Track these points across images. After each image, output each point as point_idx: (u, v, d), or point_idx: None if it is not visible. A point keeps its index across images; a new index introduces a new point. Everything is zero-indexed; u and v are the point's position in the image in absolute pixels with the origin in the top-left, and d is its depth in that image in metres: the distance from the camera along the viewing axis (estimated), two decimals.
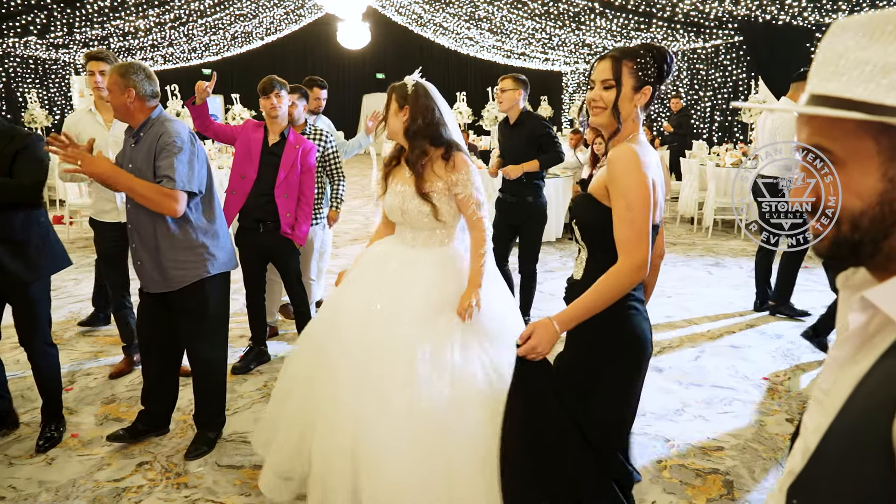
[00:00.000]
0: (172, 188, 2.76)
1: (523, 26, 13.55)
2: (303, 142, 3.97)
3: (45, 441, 3.19)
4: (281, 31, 16.81)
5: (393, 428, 2.26)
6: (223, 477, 2.95)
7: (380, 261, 2.64)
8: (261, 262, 4.16)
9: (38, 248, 3.10)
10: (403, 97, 2.57)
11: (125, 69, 2.84)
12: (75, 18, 11.64)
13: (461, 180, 2.52)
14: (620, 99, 1.88)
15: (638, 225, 1.79)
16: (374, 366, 2.36)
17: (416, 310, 2.43)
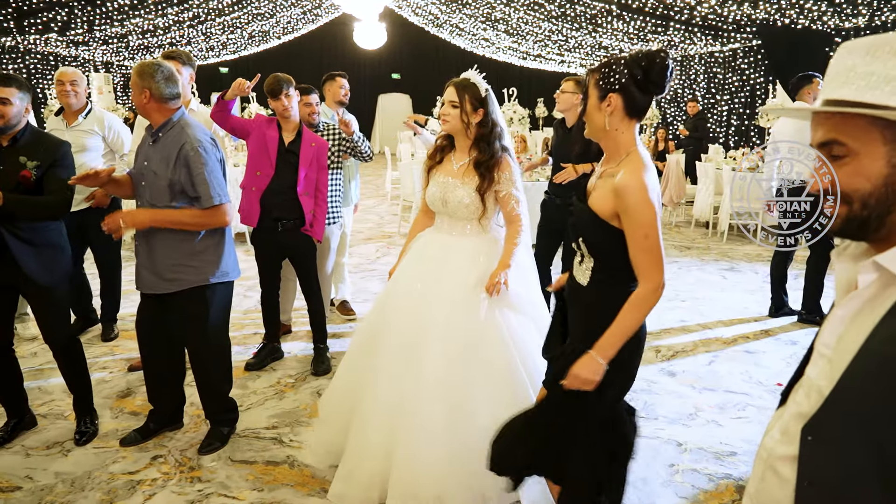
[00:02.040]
0: (213, 204, 2.86)
1: (540, 28, 13.53)
2: (317, 139, 4.00)
3: (80, 435, 3.23)
4: (298, 30, 16.89)
5: (427, 407, 2.50)
6: (236, 472, 2.97)
7: (421, 250, 2.85)
8: (277, 260, 4.19)
9: (57, 249, 3.13)
10: (479, 99, 2.72)
11: (143, 69, 2.84)
12: (95, 16, 11.76)
13: (504, 179, 2.71)
14: (588, 110, 1.94)
15: (655, 250, 1.85)
16: (414, 347, 2.59)
17: (449, 293, 2.64)
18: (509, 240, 2.75)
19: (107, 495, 2.79)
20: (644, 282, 1.86)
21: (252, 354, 4.27)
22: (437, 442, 2.48)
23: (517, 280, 2.73)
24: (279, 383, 3.94)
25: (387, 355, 2.67)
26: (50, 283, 3.09)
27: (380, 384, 2.64)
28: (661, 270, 1.86)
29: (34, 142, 3.02)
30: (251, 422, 3.44)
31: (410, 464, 2.49)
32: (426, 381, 2.54)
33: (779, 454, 1.09)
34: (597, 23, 12.00)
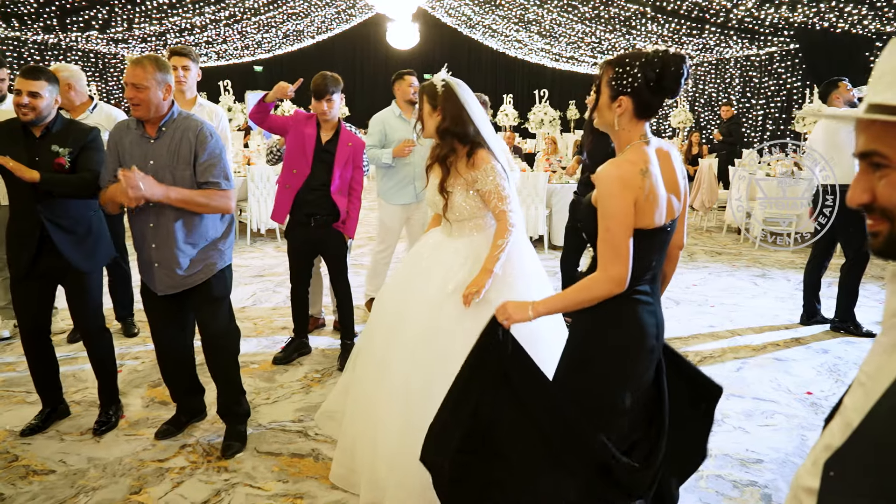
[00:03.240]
0: (226, 189, 2.89)
1: (573, 30, 13.48)
2: (354, 138, 4.04)
3: (100, 424, 3.30)
4: (331, 30, 17.04)
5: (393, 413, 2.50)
6: (262, 463, 3.02)
7: (417, 250, 2.91)
8: (309, 256, 4.24)
9: (95, 238, 3.21)
10: (434, 97, 2.73)
11: (164, 64, 2.83)
12: (135, 14, 12.01)
13: (480, 177, 2.64)
14: (599, 107, 1.93)
15: (614, 244, 1.81)
16: (387, 347, 2.62)
17: (429, 296, 2.63)
18: (494, 241, 2.64)
19: (137, 481, 2.86)
20: (601, 269, 1.84)
21: (280, 349, 4.33)
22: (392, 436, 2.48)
23: (500, 287, 2.61)
24: (306, 378, 3.99)
25: (372, 347, 2.74)
26: (88, 269, 3.17)
27: (362, 376, 2.73)
28: (619, 265, 1.81)
29: (64, 130, 3.10)
30: (277, 414, 3.50)
31: (373, 455, 2.54)
32: (395, 376, 2.55)
33: (804, 485, 1.01)
34: (631, 25, 11.91)
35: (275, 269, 6.63)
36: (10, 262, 3.17)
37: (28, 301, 3.17)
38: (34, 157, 3.00)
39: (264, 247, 7.79)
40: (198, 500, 2.73)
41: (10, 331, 4.42)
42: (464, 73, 18.88)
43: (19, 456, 3.05)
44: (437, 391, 2.34)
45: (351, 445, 2.72)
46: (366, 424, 2.63)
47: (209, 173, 2.84)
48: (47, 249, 3.06)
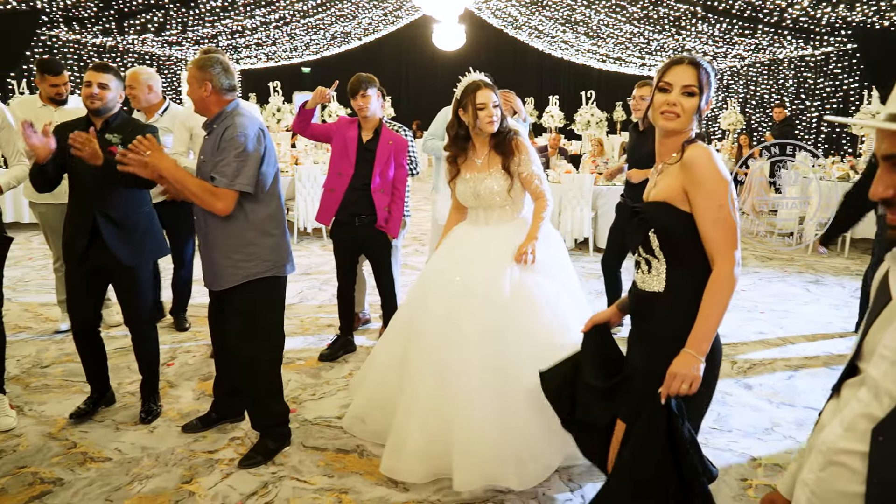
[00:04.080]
0: (218, 186, 2.76)
1: (621, 30, 13.31)
2: (396, 137, 4.08)
3: (146, 414, 3.41)
4: (378, 31, 17.19)
5: (481, 375, 2.70)
6: (308, 457, 3.07)
7: (458, 241, 3.11)
8: (354, 255, 4.30)
9: (144, 234, 3.30)
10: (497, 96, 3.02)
11: (203, 63, 2.88)
12: (189, 17, 12.32)
13: (523, 161, 2.99)
14: (703, 106, 1.91)
15: (730, 223, 1.80)
16: (453, 326, 2.79)
17: (485, 274, 2.86)
18: (536, 214, 3.01)
19: (188, 471, 2.94)
20: (720, 260, 1.79)
21: (326, 346, 4.40)
22: (490, 412, 2.66)
23: (547, 250, 3.00)
24: (350, 375, 4.04)
25: (430, 337, 2.86)
26: (136, 265, 3.26)
27: (424, 364, 2.83)
28: (737, 245, 1.80)
29: (122, 124, 3.24)
30: (323, 410, 3.55)
31: (470, 434, 2.65)
32: (472, 356, 2.72)
33: (842, 447, 1.11)
34: (680, 25, 11.72)
35: (321, 268, 6.73)
36: (64, 249, 3.29)
37: (79, 294, 3.28)
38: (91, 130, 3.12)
39: (311, 245, 7.90)
40: (246, 491, 2.80)
41: (68, 324, 4.58)
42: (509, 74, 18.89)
43: (77, 443, 3.17)
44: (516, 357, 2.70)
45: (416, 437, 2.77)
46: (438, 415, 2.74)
47: (216, 168, 2.80)
48: (97, 244, 3.16)
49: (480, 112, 2.94)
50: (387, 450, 2.89)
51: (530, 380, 2.59)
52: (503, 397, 2.69)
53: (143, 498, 2.74)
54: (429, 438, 2.75)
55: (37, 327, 4.79)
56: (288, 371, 4.04)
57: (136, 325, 3.37)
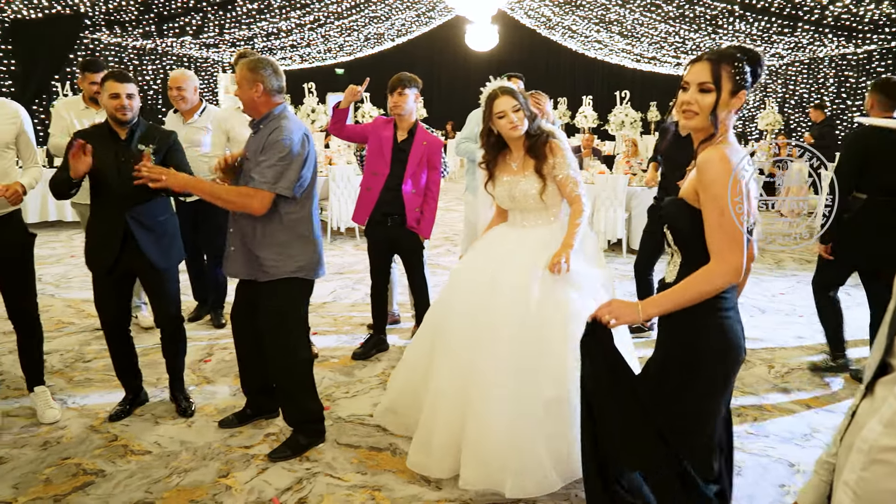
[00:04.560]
0: (258, 188, 2.80)
1: (656, 30, 13.17)
2: (430, 138, 4.09)
3: (183, 409, 3.49)
4: (411, 32, 17.26)
5: (498, 376, 2.68)
6: (342, 454, 3.10)
7: (493, 241, 3.10)
8: (387, 254, 4.33)
9: (171, 239, 3.38)
10: (524, 101, 3.00)
11: (254, 64, 2.92)
12: (226, 20, 12.53)
13: (559, 163, 2.95)
14: (720, 103, 1.85)
15: (731, 229, 1.77)
16: (482, 327, 2.78)
17: (517, 277, 2.82)
18: (572, 220, 2.96)
19: (225, 465, 2.99)
20: (717, 261, 1.79)
21: (359, 344, 4.44)
22: (503, 414, 2.64)
23: (581, 259, 2.91)
24: (383, 373, 4.07)
25: (457, 335, 2.87)
26: (165, 267, 3.33)
27: (451, 361, 2.85)
28: (737, 254, 1.78)
29: (147, 131, 3.28)
30: (356, 408, 3.58)
31: (479, 432, 2.67)
32: (494, 356, 2.71)
33: (884, 445, 1.11)
34: (717, 24, 11.54)
35: (354, 267, 6.78)
36: (89, 260, 3.32)
37: (108, 297, 3.33)
38: (121, 158, 3.17)
39: (344, 244, 7.97)
40: (281, 486, 2.84)
41: None
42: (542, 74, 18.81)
43: (118, 436, 3.25)
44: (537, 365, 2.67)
45: (441, 431, 2.81)
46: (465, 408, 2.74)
47: (258, 169, 2.83)
48: (129, 248, 3.21)
49: (501, 121, 2.94)
50: (413, 445, 2.93)
51: (546, 392, 2.65)
52: (516, 405, 2.66)
53: (182, 491, 2.80)
54: (451, 434, 2.77)
55: (79, 322, 4.92)
56: (322, 369, 4.09)
57: (168, 324, 3.44)
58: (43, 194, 8.00)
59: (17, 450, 3.10)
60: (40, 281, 6.07)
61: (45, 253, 7.22)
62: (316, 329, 4.79)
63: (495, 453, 2.62)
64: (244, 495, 2.77)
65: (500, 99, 2.93)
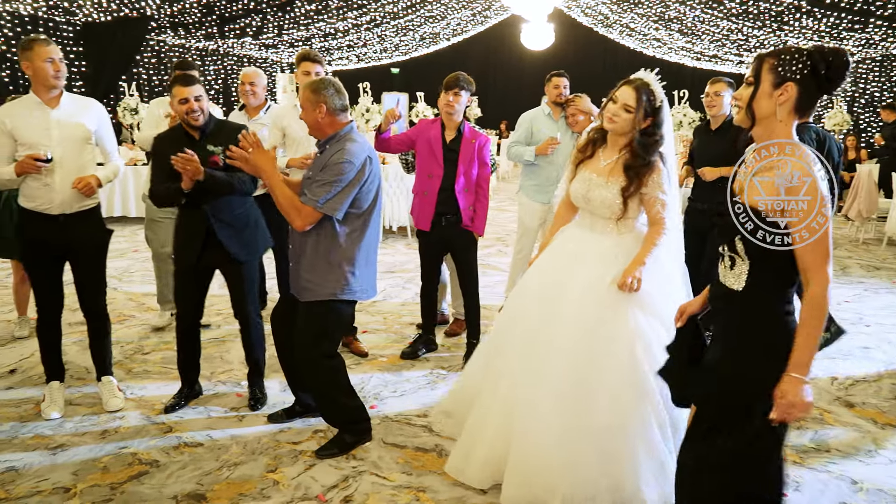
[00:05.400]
0: (306, 204, 2.84)
1: (717, 27, 12.81)
2: (478, 136, 4.07)
3: (255, 402, 3.56)
4: (466, 32, 17.25)
5: (545, 398, 2.59)
6: (388, 454, 3.11)
7: (561, 245, 2.94)
8: (439, 255, 4.33)
9: (253, 230, 3.46)
10: (654, 109, 2.70)
11: (316, 85, 2.92)
12: (285, 21, 12.77)
13: (652, 182, 2.70)
14: (757, 96, 1.82)
15: (825, 242, 1.72)
16: (538, 339, 2.69)
17: (581, 289, 2.69)
18: (649, 237, 2.74)
19: (273, 460, 3.04)
20: (815, 278, 1.72)
21: (408, 344, 4.45)
22: (553, 434, 2.55)
23: (652, 280, 2.69)
24: (431, 374, 4.07)
25: (513, 344, 2.79)
26: (247, 260, 3.42)
27: (504, 371, 2.77)
28: (828, 261, 1.73)
29: (217, 130, 3.34)
30: (403, 408, 3.59)
31: (525, 451, 2.59)
32: (547, 373, 2.62)
33: None
34: (782, 20, 11.15)
35: (405, 266, 6.81)
36: (176, 254, 3.48)
37: (188, 290, 3.45)
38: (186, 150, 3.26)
39: (395, 244, 8.02)
40: (327, 483, 2.86)
41: (163, 321, 4.78)
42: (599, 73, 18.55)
43: (173, 427, 3.34)
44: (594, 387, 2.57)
45: (484, 441, 2.77)
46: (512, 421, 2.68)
47: (311, 185, 2.86)
48: (211, 243, 3.32)
49: (609, 106, 2.74)
50: (455, 448, 2.91)
51: (601, 418, 2.53)
52: (568, 427, 2.55)
53: (231, 484, 2.85)
54: (493, 447, 2.72)
55: (139, 316, 5.08)
56: (370, 368, 4.12)
57: (246, 316, 3.51)
58: (109, 189, 8.32)
59: (78, 437, 3.22)
60: None
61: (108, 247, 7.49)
62: (365, 328, 4.83)
63: (542, 474, 2.55)
64: (291, 491, 2.80)
65: (622, 88, 2.71)
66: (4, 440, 3.18)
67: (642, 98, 2.66)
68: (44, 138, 3.23)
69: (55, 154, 3.22)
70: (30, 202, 3.28)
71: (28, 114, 3.25)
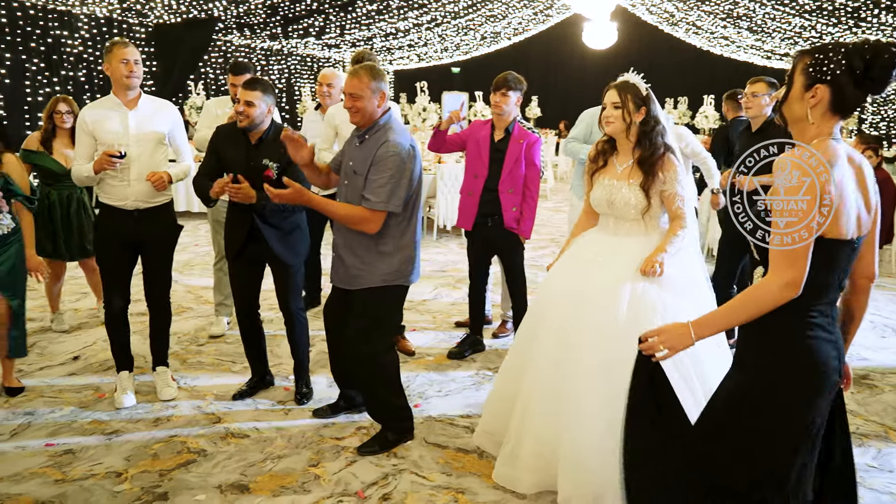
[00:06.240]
0: (372, 208, 2.84)
1: (789, 24, 12.33)
2: (527, 136, 4.02)
3: (301, 396, 3.62)
4: (528, 31, 17.13)
5: (584, 394, 2.60)
6: (429, 453, 3.11)
7: (583, 248, 2.97)
8: (487, 255, 4.30)
9: (299, 233, 3.52)
10: (641, 99, 2.80)
11: (377, 72, 2.91)
12: (347, 21, 12.96)
13: (669, 178, 2.77)
14: (789, 98, 1.73)
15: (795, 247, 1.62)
16: (572, 338, 2.69)
17: (610, 288, 2.69)
18: (671, 229, 2.82)
19: (316, 455, 3.08)
20: (773, 273, 1.65)
21: (455, 344, 4.44)
22: (598, 429, 2.54)
23: (675, 264, 2.76)
24: (477, 374, 4.05)
25: (546, 345, 2.78)
26: (291, 261, 3.49)
27: (540, 372, 2.77)
28: (796, 268, 1.62)
29: (275, 141, 3.31)
30: (447, 408, 3.58)
31: (575, 452, 2.59)
32: (584, 370, 2.62)
33: None
34: (859, 16, 10.65)
35: (457, 265, 6.80)
36: (225, 245, 3.59)
37: (239, 281, 3.56)
38: (250, 161, 3.34)
39: (449, 243, 8.02)
40: (367, 480, 2.88)
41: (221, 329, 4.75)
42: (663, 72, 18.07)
43: (221, 418, 3.42)
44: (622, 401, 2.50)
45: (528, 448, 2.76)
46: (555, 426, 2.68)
47: (371, 188, 2.85)
48: (255, 239, 3.40)
49: (603, 112, 2.86)
50: (500, 457, 2.88)
51: None
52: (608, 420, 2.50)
53: (274, 476, 2.90)
54: (539, 451, 2.71)
55: (197, 308, 5.23)
56: (416, 366, 4.13)
57: (291, 312, 3.58)
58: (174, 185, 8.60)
59: (132, 424, 3.34)
60: None
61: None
62: (414, 326, 4.84)
63: (595, 470, 2.53)
64: (331, 486, 2.83)
65: (606, 94, 2.85)
66: (64, 424, 3.33)
67: (626, 93, 2.78)
68: (122, 138, 3.38)
69: (131, 153, 3.37)
70: (107, 197, 3.45)
71: (108, 114, 3.40)
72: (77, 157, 3.47)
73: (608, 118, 2.82)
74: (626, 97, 2.78)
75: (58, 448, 3.10)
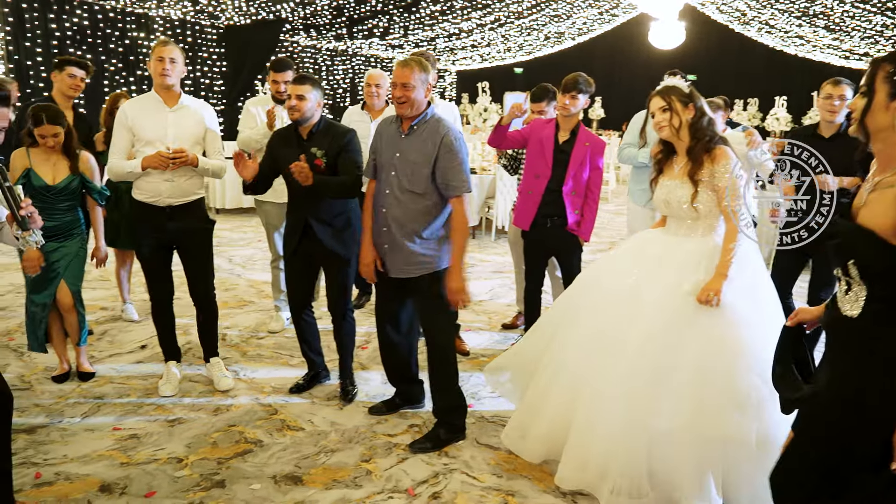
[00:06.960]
0: (459, 194, 3.02)
1: (870, 22, 11.79)
2: (592, 139, 3.96)
3: (344, 393, 3.67)
4: (592, 31, 16.91)
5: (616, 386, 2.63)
6: (480, 454, 3.10)
7: (640, 244, 2.99)
8: (543, 257, 4.26)
9: (352, 231, 3.55)
10: (687, 97, 2.81)
11: (426, 64, 2.98)
12: (410, 22, 13.07)
13: (719, 171, 2.71)
14: (871, 109, 1.60)
15: None
16: (612, 332, 2.72)
17: (661, 293, 2.69)
18: (725, 242, 2.72)
19: (368, 451, 3.11)
20: None
21: (510, 345, 4.41)
22: (616, 426, 2.59)
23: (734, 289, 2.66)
24: None
25: (584, 332, 2.83)
26: (344, 256, 3.52)
27: (569, 356, 2.83)
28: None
29: (324, 132, 3.41)
30: (500, 409, 3.56)
31: (586, 439, 2.67)
32: (617, 366, 2.64)
33: None
34: None
35: (513, 267, 6.75)
36: (283, 245, 3.68)
37: (295, 277, 3.64)
38: (302, 154, 3.37)
39: (505, 244, 7.98)
40: (418, 478, 2.89)
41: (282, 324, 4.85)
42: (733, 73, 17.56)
43: (278, 410, 3.50)
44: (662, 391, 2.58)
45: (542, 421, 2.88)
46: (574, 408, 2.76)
47: (451, 179, 2.99)
48: (309, 237, 3.46)
49: (653, 120, 2.87)
50: (511, 422, 3.07)
51: (662, 423, 2.53)
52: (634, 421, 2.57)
53: (327, 469, 2.94)
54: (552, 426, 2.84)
55: (258, 302, 5.36)
56: (471, 367, 4.12)
57: (339, 310, 3.63)
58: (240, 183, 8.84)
59: (193, 413, 3.45)
60: (230, 261, 6.73)
61: (236, 236, 8.00)
62: (469, 326, 4.84)
63: (598, 461, 2.62)
64: (382, 482, 2.85)
65: (650, 102, 2.87)
66: (131, 409, 3.47)
67: (670, 96, 2.79)
68: (160, 135, 3.47)
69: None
70: (141, 194, 3.53)
71: (148, 111, 3.51)
72: (114, 151, 3.51)
73: (659, 124, 2.82)
74: (670, 99, 2.79)
75: (124, 432, 3.22)
